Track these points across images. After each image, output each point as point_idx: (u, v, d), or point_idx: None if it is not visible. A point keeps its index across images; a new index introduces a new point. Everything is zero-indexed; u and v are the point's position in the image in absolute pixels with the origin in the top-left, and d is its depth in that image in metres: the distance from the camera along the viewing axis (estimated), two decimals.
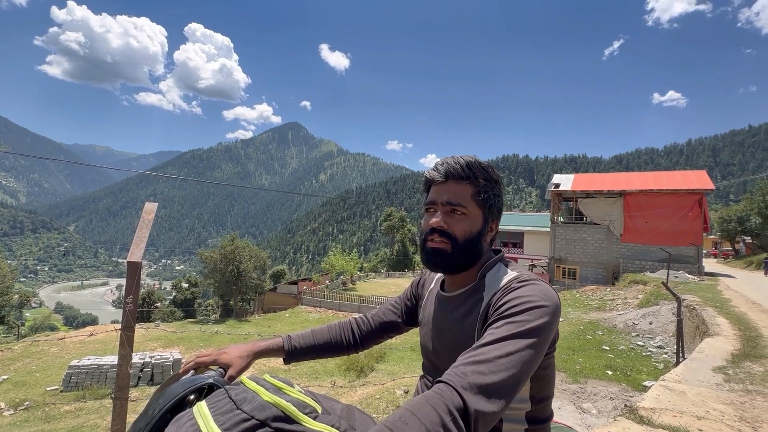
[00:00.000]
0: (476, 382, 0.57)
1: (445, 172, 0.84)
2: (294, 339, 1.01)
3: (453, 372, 0.60)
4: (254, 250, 32.21)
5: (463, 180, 0.83)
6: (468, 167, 0.83)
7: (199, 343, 16.66)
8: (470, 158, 0.85)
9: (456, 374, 0.59)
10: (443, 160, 0.86)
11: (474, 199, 0.83)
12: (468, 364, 0.60)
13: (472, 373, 0.58)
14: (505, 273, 0.81)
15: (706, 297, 10.57)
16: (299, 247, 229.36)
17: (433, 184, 0.86)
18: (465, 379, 0.58)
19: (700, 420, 3.16)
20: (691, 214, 19.49)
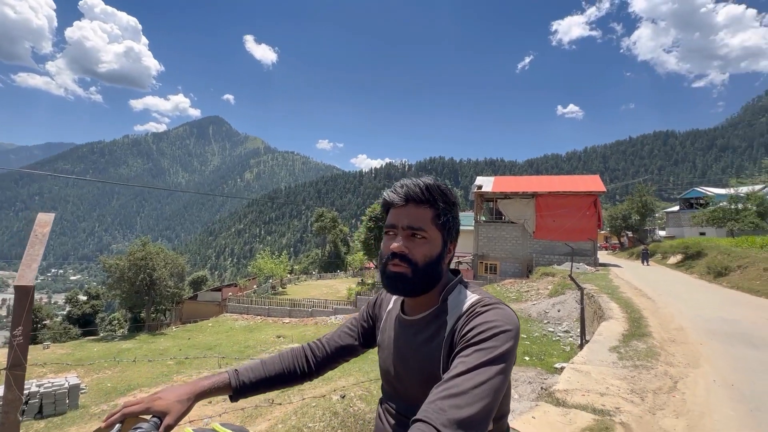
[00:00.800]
0: (455, 418, 0.58)
1: (405, 195, 0.82)
2: (242, 373, 0.91)
3: (430, 409, 0.60)
4: (170, 256, 29.26)
5: (423, 204, 0.82)
6: (428, 190, 0.82)
7: (102, 365, 14.64)
8: (429, 181, 0.84)
9: (434, 411, 0.59)
10: (402, 183, 0.85)
11: (434, 222, 0.82)
12: (444, 398, 0.61)
13: (450, 408, 0.59)
14: (466, 296, 0.82)
15: (600, 285, 12.20)
16: (222, 251, 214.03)
17: (393, 206, 0.84)
18: (444, 415, 0.58)
19: (602, 396, 3.63)
20: (588, 213, 22.41)
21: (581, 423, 2.98)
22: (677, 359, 4.95)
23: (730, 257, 15.79)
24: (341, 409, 5.06)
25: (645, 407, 3.45)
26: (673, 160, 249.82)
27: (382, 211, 0.90)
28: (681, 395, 3.77)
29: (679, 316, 7.80)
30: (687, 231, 35.20)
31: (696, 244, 20.48)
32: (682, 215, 38.34)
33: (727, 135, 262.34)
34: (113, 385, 12.21)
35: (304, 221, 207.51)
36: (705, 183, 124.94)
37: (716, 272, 15.14)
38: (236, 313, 26.98)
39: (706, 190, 38.13)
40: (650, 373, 4.38)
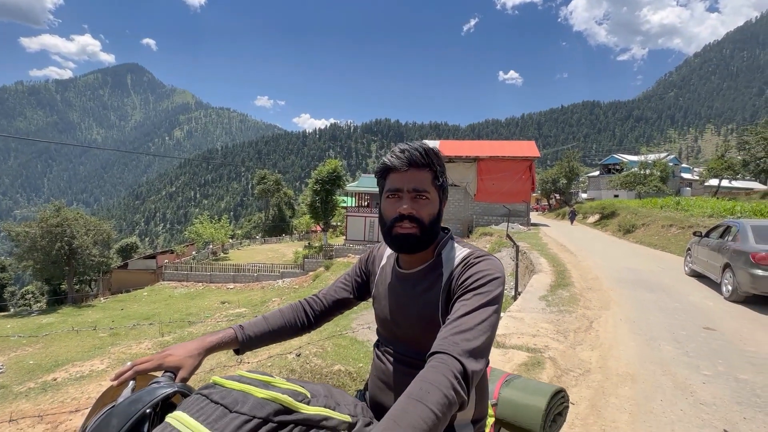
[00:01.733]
0: (467, 348, 0.70)
1: (408, 159, 0.88)
2: (247, 328, 0.96)
3: (446, 342, 0.71)
4: (92, 222, 26.44)
5: (424, 167, 0.89)
6: (427, 155, 0.89)
7: (20, 341, 13.32)
8: (425, 145, 0.90)
9: (450, 344, 0.70)
10: (402, 148, 0.90)
11: (433, 184, 0.90)
12: (456, 333, 0.72)
13: (462, 341, 0.71)
14: (458, 250, 0.92)
15: (532, 243, 13.45)
16: (153, 216, 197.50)
17: (394, 171, 0.90)
18: (458, 347, 0.70)
19: (534, 337, 4.16)
20: (524, 177, 24.05)
21: (518, 360, 3.43)
22: (593, 303, 5.76)
23: (636, 216, 18.16)
24: (298, 367, 5.23)
25: (567, 344, 4.03)
26: (596, 128, 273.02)
27: (378, 176, 0.95)
28: (595, 332, 4.45)
29: (595, 267, 8.95)
30: (604, 194, 39.47)
31: (611, 205, 23.18)
32: (601, 179, 42.72)
33: (642, 107, 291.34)
34: (37, 362, 11.23)
35: (245, 184, 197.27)
36: (621, 150, 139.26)
37: (625, 229, 17.40)
38: (174, 280, 25.63)
39: (622, 156, 42.67)
40: (572, 316, 5.07)
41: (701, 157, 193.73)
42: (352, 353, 6.29)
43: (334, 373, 5.10)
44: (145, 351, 11.12)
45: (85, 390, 7.90)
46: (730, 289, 5.87)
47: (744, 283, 5.54)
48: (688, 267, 8.06)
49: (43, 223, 23.13)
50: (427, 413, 0.57)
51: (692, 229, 11.88)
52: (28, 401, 7.70)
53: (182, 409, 0.59)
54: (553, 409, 1.06)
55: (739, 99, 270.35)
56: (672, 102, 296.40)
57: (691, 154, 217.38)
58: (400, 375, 0.91)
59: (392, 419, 0.56)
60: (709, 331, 4.49)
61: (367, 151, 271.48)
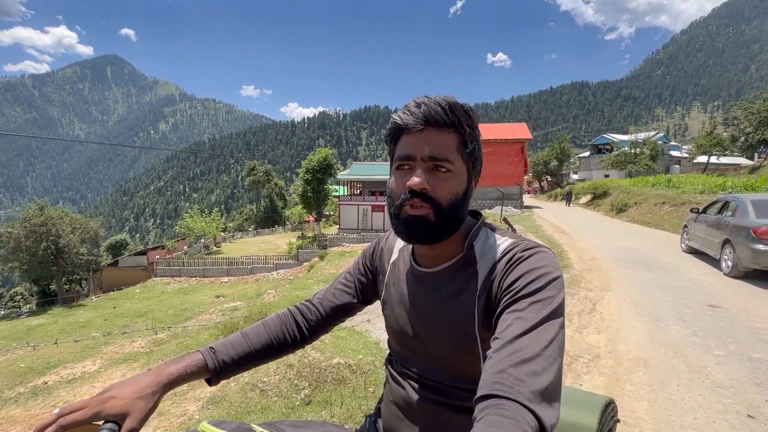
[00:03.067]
0: (538, 389, 0.48)
1: (424, 116, 0.64)
2: (220, 351, 0.73)
3: (505, 380, 0.49)
4: (78, 220, 25.83)
5: (447, 127, 0.65)
6: (451, 110, 0.64)
7: (10, 344, 12.98)
8: (451, 99, 0.65)
9: (512, 383, 0.48)
10: (418, 101, 0.66)
11: (460, 151, 0.66)
12: (517, 364, 0.50)
13: (528, 376, 0.49)
14: (496, 240, 0.69)
15: (527, 225, 13.41)
16: (142, 211, 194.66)
17: (405, 132, 0.67)
18: (526, 387, 0.48)
19: None
20: (516, 159, 23.98)
21: None
22: (594, 285, 5.68)
23: (628, 195, 18.21)
24: (296, 361, 5.06)
25: (573, 328, 3.92)
26: (585, 109, 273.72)
27: (388, 140, 0.71)
28: (600, 315, 4.35)
29: (591, 248, 8.90)
30: (595, 174, 39.65)
31: (602, 185, 23.24)
32: (591, 160, 42.86)
33: (630, 86, 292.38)
34: (28, 365, 10.94)
35: (234, 176, 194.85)
36: (611, 130, 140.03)
37: (618, 209, 17.45)
38: (167, 276, 25.26)
39: (612, 136, 42.74)
40: (574, 299, 4.97)
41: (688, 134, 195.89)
42: (351, 345, 6.16)
43: (334, 366, 4.95)
44: (139, 350, 10.92)
45: (77, 393, 7.69)
46: (730, 265, 5.82)
47: (745, 258, 5.49)
48: (685, 244, 8.03)
49: (26, 223, 22.50)
50: None
51: (685, 206, 11.91)
52: (18, 407, 7.47)
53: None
54: (604, 425, 0.85)
55: (725, 75, 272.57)
56: (659, 80, 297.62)
57: (679, 132, 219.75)
58: (425, 403, 0.71)
59: None
60: (714, 308, 4.42)
61: (357, 139, 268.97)
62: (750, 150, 28.35)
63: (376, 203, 32.37)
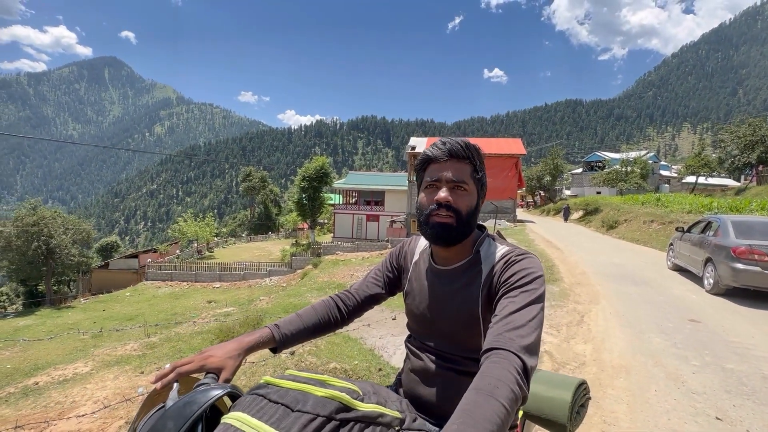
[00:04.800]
0: (523, 344, 0.70)
1: (448, 151, 0.90)
2: (282, 327, 0.96)
3: (501, 339, 0.71)
4: (71, 221, 25.65)
5: (464, 159, 0.91)
6: (467, 148, 0.91)
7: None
8: (467, 140, 0.93)
9: (506, 340, 0.71)
10: (444, 140, 0.92)
11: (472, 176, 0.92)
12: (509, 330, 0.73)
13: (517, 337, 0.71)
14: (496, 247, 0.92)
15: (519, 239, 13.68)
16: (133, 214, 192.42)
17: (434, 162, 0.92)
18: (515, 343, 0.70)
19: None
20: (510, 173, 24.41)
21: None
22: (582, 298, 5.90)
23: (619, 212, 18.65)
24: (293, 365, 5.18)
25: (561, 338, 4.12)
26: (579, 126, 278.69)
27: (418, 167, 0.96)
28: (587, 326, 4.56)
29: (582, 263, 9.16)
30: (587, 190, 40.37)
31: (594, 202, 23.75)
32: (584, 176, 43.66)
33: (622, 105, 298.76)
34: (15, 366, 10.80)
35: (229, 181, 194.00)
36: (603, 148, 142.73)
37: (608, 225, 17.84)
38: (158, 280, 25.03)
39: (604, 154, 43.64)
40: (563, 311, 5.18)
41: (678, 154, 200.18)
42: (346, 351, 6.27)
43: (330, 370, 5.08)
44: (131, 353, 10.86)
45: (69, 394, 7.65)
46: (712, 282, 6.09)
47: (725, 276, 5.76)
48: (671, 261, 8.32)
49: (18, 222, 22.28)
50: (499, 407, 0.58)
51: (672, 224, 12.26)
52: (8, 407, 7.40)
53: (241, 410, 0.59)
54: (577, 401, 1.09)
55: (714, 98, 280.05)
56: (651, 101, 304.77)
57: (669, 152, 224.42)
58: (439, 369, 0.92)
59: (466, 413, 0.56)
60: (694, 323, 4.66)
61: (354, 148, 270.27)
62: (736, 172, 29.19)
63: (371, 212, 32.50)
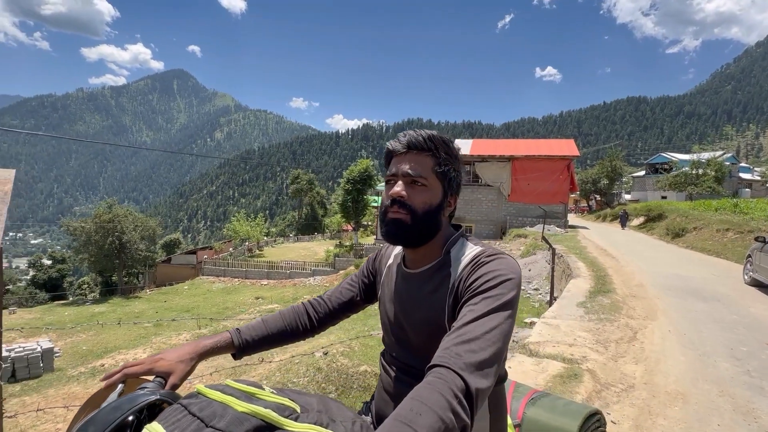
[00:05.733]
0: (471, 361, 0.60)
1: (407, 143, 0.83)
2: (244, 332, 0.91)
3: (447, 354, 0.61)
4: (140, 218, 28.24)
5: (425, 151, 0.82)
6: (430, 140, 0.82)
7: (74, 328, 14.37)
8: (431, 132, 0.84)
9: (451, 356, 0.60)
10: (405, 132, 0.85)
11: (434, 171, 0.82)
12: (459, 344, 0.62)
13: (465, 352, 0.61)
14: (469, 248, 0.82)
15: (569, 246, 12.82)
16: (195, 213, 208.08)
17: (394, 155, 0.85)
18: (461, 359, 0.60)
19: (571, 347, 3.90)
20: (561, 176, 23.02)
21: (552, 371, 3.22)
22: (637, 312, 5.36)
23: (687, 219, 16.84)
24: (325, 365, 5.24)
25: (608, 355, 3.75)
26: (642, 125, 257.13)
27: (385, 162, 0.89)
28: (640, 344, 4.11)
29: (639, 273, 8.36)
30: (650, 195, 37.03)
31: (658, 207, 21.68)
32: (647, 180, 40.12)
33: (695, 102, 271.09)
34: (89, 348, 12.09)
35: (279, 183, 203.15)
36: (670, 149, 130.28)
37: (674, 233, 16.18)
38: (213, 275, 26.78)
39: (671, 155, 39.82)
40: (613, 325, 4.73)
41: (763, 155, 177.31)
42: (378, 354, 6.25)
43: (360, 373, 5.06)
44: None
45: None
46: None
47: None
48: (748, 275, 7.33)
49: (97, 219, 24.96)
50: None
51: (752, 234, 10.85)
52: (78, 384, 8.28)
53: (159, 420, 0.54)
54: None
55: None
56: (729, 96, 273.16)
57: (751, 153, 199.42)
58: (404, 387, 0.82)
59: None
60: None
61: None
62: None
63: None
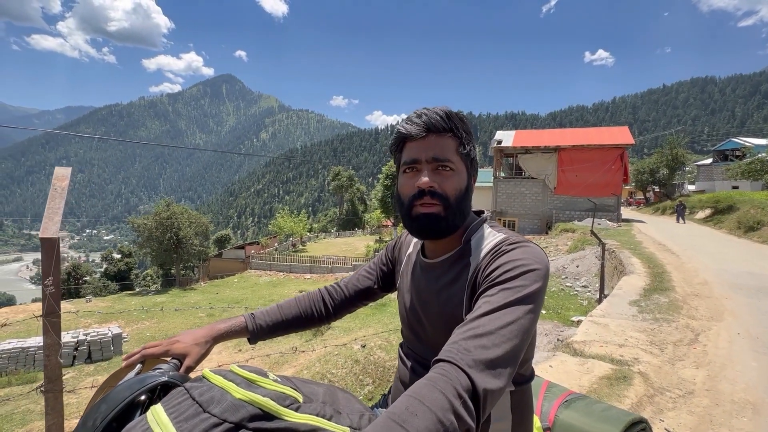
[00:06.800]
0: (481, 358, 0.53)
1: (425, 124, 0.73)
2: (258, 317, 0.90)
3: (454, 348, 0.55)
4: (194, 216, 30.24)
5: (446, 132, 0.74)
6: (449, 118, 0.74)
7: (140, 316, 15.74)
8: (447, 108, 0.75)
9: (458, 351, 0.55)
10: (419, 112, 0.76)
11: (459, 153, 0.75)
12: (469, 338, 0.56)
13: (476, 348, 0.55)
14: (491, 235, 0.76)
15: (622, 241, 11.96)
16: (243, 210, 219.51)
17: (410, 140, 0.76)
18: (469, 355, 0.54)
19: (621, 347, 3.64)
20: (614, 167, 21.48)
21: (599, 372, 3.01)
22: (700, 313, 4.88)
23: (764, 211, 15.05)
24: (362, 357, 5.31)
25: (664, 358, 3.45)
26: (710, 109, 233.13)
27: (393, 149, 0.81)
28: (702, 347, 3.74)
29: (704, 270, 7.61)
30: (719, 185, 33.55)
31: (727, 198, 19.56)
32: (714, 168, 36.36)
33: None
34: (152, 334, 13.21)
35: (321, 180, 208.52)
36: (744, 133, 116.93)
37: (747, 227, 14.55)
38: (260, 269, 28.11)
39: (744, 140, 35.73)
40: (671, 326, 4.34)
41: None
42: None
43: (395, 366, 5.09)
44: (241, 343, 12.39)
45: None
46: None
47: None
48: None
49: (157, 217, 27.09)
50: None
51: None
52: None
53: (163, 402, 0.55)
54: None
55: None
56: None
57: None
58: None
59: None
60: None
61: None
62: None
63: None
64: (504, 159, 25.86)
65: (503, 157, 25.62)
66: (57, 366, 1.46)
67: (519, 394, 0.77)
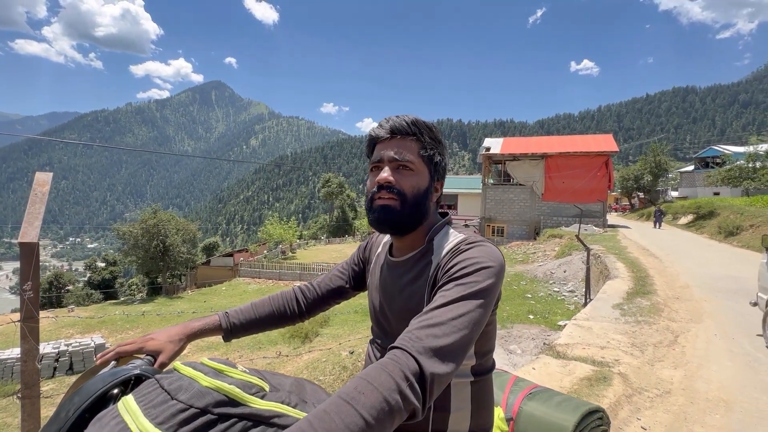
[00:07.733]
0: (431, 346, 0.58)
1: (390, 128, 0.82)
2: (232, 315, 0.94)
3: (407, 337, 0.60)
4: (181, 223, 29.81)
5: (409, 136, 0.81)
6: (414, 124, 0.82)
7: (124, 326, 15.40)
8: (414, 116, 0.83)
9: (410, 339, 0.59)
10: (388, 118, 0.84)
11: (420, 155, 0.82)
12: (422, 327, 0.61)
13: (426, 336, 0.59)
14: (453, 236, 0.81)
15: (608, 246, 12.18)
16: (232, 218, 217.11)
17: (378, 141, 0.84)
18: (420, 343, 0.58)
19: (603, 349, 3.72)
20: (599, 173, 21.95)
21: (580, 373, 3.08)
22: (680, 315, 5.01)
23: (742, 216, 15.52)
24: (350, 364, 5.30)
25: (644, 359, 3.54)
26: (691, 117, 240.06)
27: (367, 151, 0.88)
28: (681, 348, 3.85)
29: (685, 274, 7.81)
30: (700, 191, 34.51)
31: (708, 204, 20.12)
32: (696, 175, 37.41)
33: (751, 90, 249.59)
34: None
35: (312, 187, 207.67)
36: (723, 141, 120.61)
37: (727, 232, 14.97)
38: (248, 277, 27.78)
39: (723, 148, 36.88)
40: (652, 328, 4.45)
41: None
42: None
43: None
44: (220, 340, 12.18)
45: None
46: None
47: None
48: None
49: (143, 224, 26.64)
50: (354, 418, 0.46)
51: None
52: None
53: (134, 393, 0.58)
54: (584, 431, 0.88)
55: None
56: None
57: None
58: None
59: (308, 421, 0.46)
60: None
61: None
62: None
63: None
64: (493, 166, 26.20)
65: (492, 164, 25.95)
66: (34, 372, 1.45)
67: (479, 384, 0.81)
